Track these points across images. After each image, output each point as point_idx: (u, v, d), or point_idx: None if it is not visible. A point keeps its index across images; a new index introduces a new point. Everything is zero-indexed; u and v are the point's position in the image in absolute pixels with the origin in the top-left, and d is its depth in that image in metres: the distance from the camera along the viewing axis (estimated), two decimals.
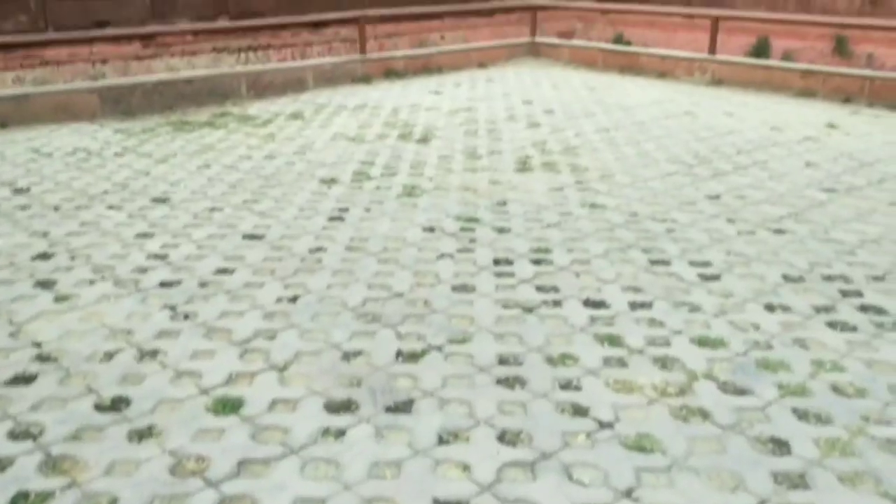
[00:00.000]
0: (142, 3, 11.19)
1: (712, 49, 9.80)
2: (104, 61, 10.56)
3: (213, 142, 6.96)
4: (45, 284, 4.05)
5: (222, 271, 4.21)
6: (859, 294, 3.93)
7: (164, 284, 4.05)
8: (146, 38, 10.78)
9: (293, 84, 9.20)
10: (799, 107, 8.40)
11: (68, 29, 10.56)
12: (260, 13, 12.44)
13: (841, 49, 12.00)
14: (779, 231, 4.79)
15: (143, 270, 4.21)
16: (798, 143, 6.87)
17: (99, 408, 2.94)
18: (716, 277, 4.12)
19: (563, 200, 5.37)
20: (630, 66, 10.48)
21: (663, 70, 10.10)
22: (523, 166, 6.21)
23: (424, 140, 7.04)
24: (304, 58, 11.89)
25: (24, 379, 3.14)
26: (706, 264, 4.29)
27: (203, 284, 4.04)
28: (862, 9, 12.88)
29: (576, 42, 12.05)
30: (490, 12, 13.67)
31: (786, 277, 4.12)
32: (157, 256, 4.40)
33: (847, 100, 8.56)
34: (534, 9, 12.33)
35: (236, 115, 8.02)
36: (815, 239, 4.66)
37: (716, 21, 9.82)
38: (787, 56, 11.88)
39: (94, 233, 4.77)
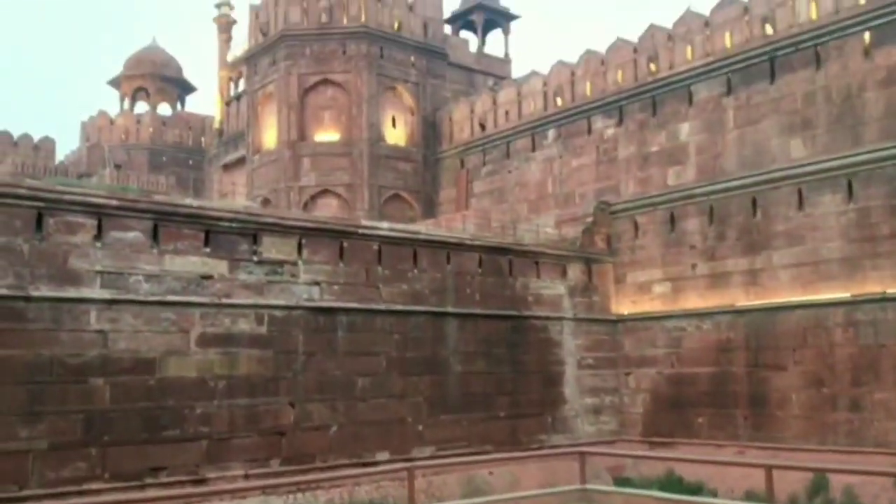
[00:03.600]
0: (197, 448, 11.48)
1: (770, 499, 9.42)
2: None
3: None
4: None
5: None
6: None
7: None
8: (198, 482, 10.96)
9: None
10: None
11: (125, 474, 10.71)
12: (312, 454, 12.65)
13: None
14: None
15: None
16: None
17: None
18: None
19: None
20: None
21: None
22: None
23: None
24: (352, 497, 11.77)
25: None
26: None
27: None
28: None
29: (630, 490, 11.72)
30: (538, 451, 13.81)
31: None
32: None
33: None
34: (583, 453, 12.27)
35: None
36: None
37: (769, 470, 9.56)
38: (847, 492, 11.41)
39: None
